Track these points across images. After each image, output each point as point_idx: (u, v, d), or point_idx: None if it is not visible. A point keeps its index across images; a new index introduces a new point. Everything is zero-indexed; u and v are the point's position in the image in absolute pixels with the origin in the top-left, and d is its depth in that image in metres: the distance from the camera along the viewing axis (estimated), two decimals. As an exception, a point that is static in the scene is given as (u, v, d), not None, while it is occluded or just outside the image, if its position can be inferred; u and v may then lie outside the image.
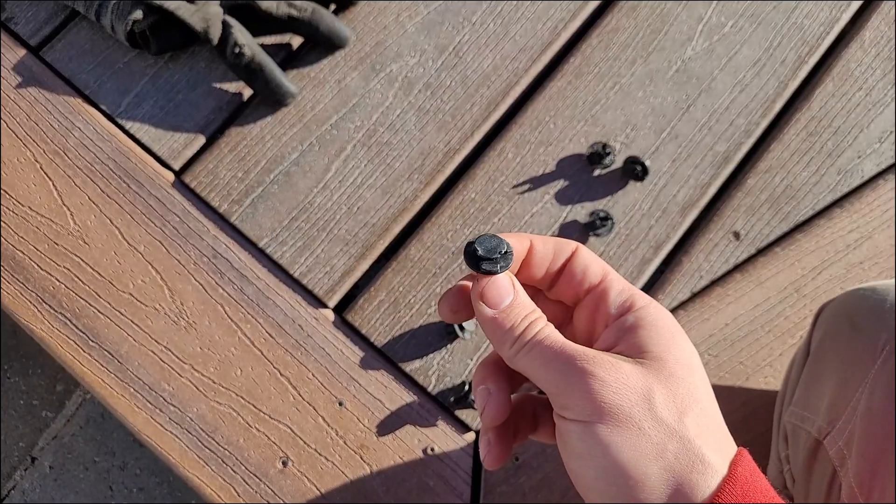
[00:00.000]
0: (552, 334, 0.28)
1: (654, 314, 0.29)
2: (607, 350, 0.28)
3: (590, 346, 0.29)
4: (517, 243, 0.30)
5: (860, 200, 0.56)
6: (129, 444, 0.79)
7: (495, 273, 0.29)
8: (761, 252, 0.56)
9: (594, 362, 0.26)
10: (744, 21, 0.60)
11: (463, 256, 0.29)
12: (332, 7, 0.60)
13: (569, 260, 0.31)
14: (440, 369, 0.53)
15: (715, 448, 0.26)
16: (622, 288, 0.30)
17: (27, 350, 0.81)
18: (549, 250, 0.31)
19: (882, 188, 0.57)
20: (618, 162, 0.57)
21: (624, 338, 0.28)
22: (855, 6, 0.61)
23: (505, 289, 0.29)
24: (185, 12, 0.55)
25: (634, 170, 0.55)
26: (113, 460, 0.77)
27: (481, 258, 0.29)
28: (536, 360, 0.28)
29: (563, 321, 0.32)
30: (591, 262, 0.31)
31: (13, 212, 0.56)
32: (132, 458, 0.77)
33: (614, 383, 0.26)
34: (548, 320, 0.29)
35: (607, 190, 0.56)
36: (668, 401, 0.26)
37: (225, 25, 0.56)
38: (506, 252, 0.29)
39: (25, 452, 0.78)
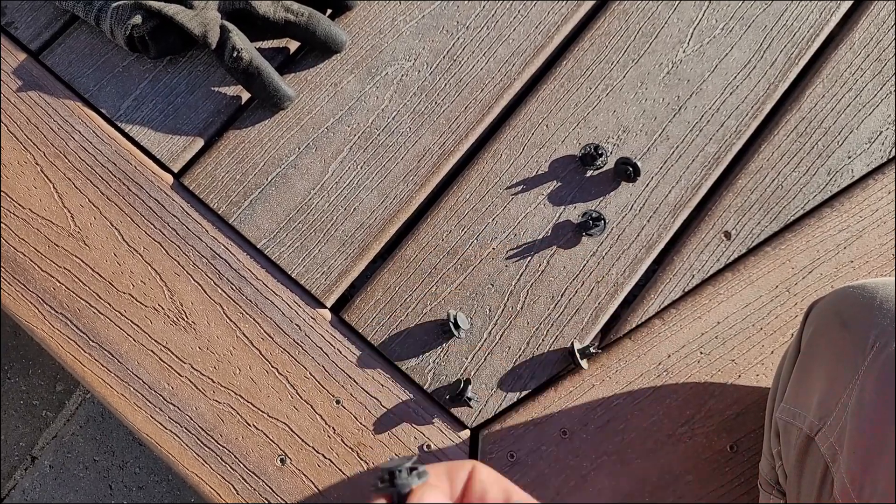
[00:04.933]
0: None
1: None
2: None
3: None
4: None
5: (850, 200, 0.57)
6: (129, 443, 0.79)
7: (413, 486, 0.26)
8: (752, 251, 0.56)
9: None
10: (734, 23, 0.61)
11: (377, 485, 0.27)
12: (329, 11, 0.61)
13: (467, 484, 0.28)
14: (436, 367, 0.54)
15: None
16: None
17: (27, 350, 0.82)
18: (442, 478, 0.28)
19: (872, 188, 0.57)
20: (610, 163, 0.57)
21: None
22: (844, 8, 0.62)
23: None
24: (184, 17, 0.56)
25: (626, 171, 0.56)
26: (113, 459, 0.77)
27: (396, 474, 0.26)
28: None
29: None
30: (491, 483, 0.28)
31: (14, 214, 0.56)
32: (132, 457, 0.78)
33: None
34: None
35: (600, 191, 0.57)
36: None
37: (223, 30, 0.56)
38: (418, 468, 0.27)
39: (25, 452, 0.78)
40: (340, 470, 0.52)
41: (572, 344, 0.53)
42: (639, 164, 0.56)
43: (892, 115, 0.59)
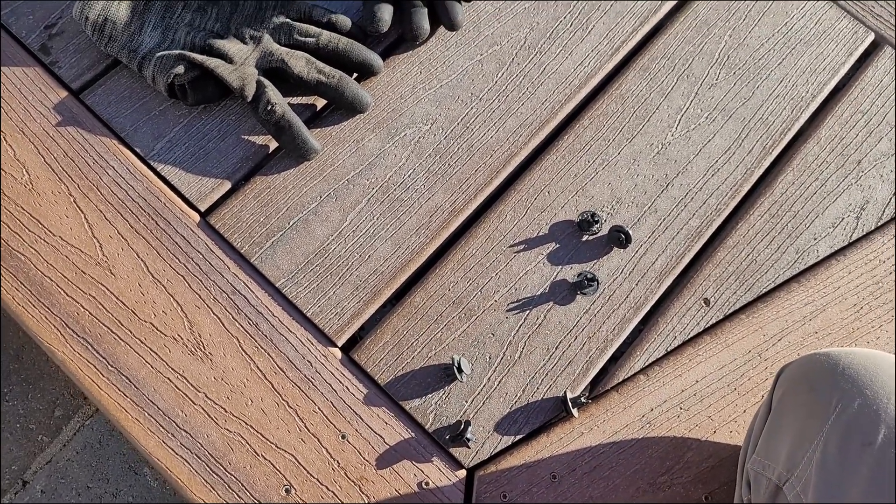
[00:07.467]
0: None
1: None
2: None
3: None
4: None
5: (815, 277, 0.64)
6: (124, 471, 0.80)
7: None
8: (728, 318, 0.62)
9: None
10: (717, 114, 0.68)
11: None
12: (356, 75, 0.66)
13: None
14: (437, 409, 0.57)
15: None
16: None
17: (29, 374, 0.83)
18: None
19: (834, 268, 0.64)
20: (604, 230, 0.63)
21: None
22: (813, 107, 0.70)
23: None
24: (224, 70, 0.61)
25: (619, 238, 0.62)
26: (106, 486, 0.78)
27: None
28: None
29: None
30: None
31: (45, 241, 0.59)
32: (125, 486, 0.78)
33: None
34: None
35: (594, 254, 0.63)
36: None
37: (259, 85, 0.61)
38: None
39: (17, 476, 0.78)
40: (342, 503, 0.54)
41: (564, 393, 0.57)
42: (630, 232, 0.62)
43: (852, 203, 0.66)
